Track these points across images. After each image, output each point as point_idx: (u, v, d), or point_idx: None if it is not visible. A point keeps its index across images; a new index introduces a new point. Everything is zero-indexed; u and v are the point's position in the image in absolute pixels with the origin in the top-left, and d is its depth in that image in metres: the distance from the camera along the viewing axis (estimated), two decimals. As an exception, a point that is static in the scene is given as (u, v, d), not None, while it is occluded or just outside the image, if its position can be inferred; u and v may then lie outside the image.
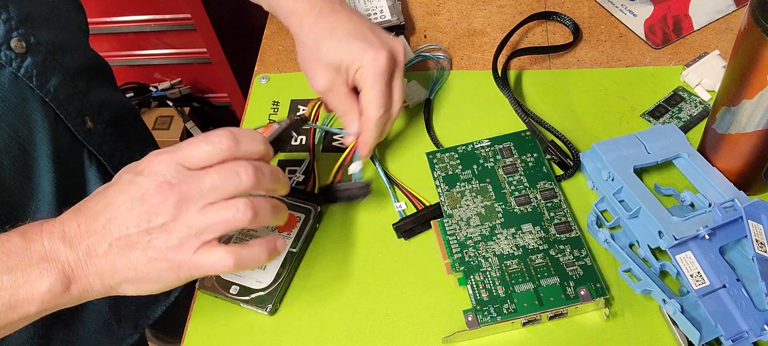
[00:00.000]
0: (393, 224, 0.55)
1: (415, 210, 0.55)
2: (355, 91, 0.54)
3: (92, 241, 0.40)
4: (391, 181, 0.58)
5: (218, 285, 0.52)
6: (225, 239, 0.46)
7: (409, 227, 0.54)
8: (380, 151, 0.61)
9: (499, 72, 0.63)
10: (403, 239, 0.54)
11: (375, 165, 0.59)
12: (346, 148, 0.56)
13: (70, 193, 0.55)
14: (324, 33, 0.53)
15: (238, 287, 0.51)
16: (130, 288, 0.41)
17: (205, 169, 0.40)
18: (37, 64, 0.50)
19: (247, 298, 0.51)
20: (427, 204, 0.56)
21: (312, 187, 0.58)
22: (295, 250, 0.53)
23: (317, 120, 0.61)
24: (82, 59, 0.57)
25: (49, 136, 0.51)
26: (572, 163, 0.56)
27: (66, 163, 0.54)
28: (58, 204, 0.53)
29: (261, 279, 0.52)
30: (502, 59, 0.64)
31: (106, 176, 0.59)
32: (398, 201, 0.57)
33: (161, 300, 0.70)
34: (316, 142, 0.61)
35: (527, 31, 0.68)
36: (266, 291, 0.51)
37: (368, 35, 0.53)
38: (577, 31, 0.67)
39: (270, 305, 0.50)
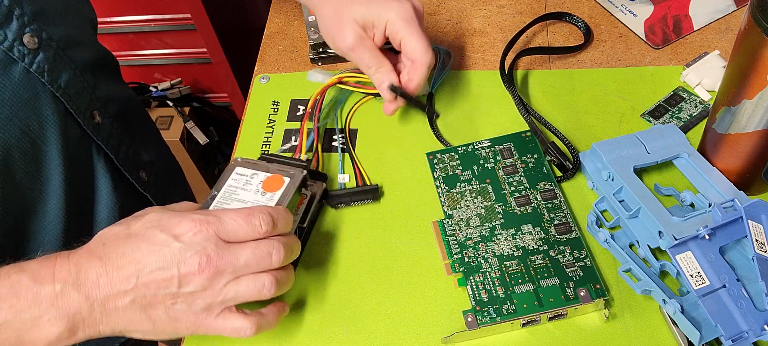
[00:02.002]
0: (328, 191, 0.57)
1: (356, 186, 0.57)
2: (383, 50, 0.57)
3: (113, 294, 0.41)
4: (345, 151, 0.60)
5: None
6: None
7: (338, 200, 0.56)
8: (379, 149, 0.61)
9: (506, 70, 0.63)
10: (331, 207, 0.57)
11: (337, 135, 0.62)
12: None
13: (78, 186, 0.55)
14: None
15: None
16: (140, 336, 0.43)
17: (241, 245, 0.42)
18: (49, 59, 0.50)
19: None
20: (368, 183, 0.57)
21: (298, 155, 0.59)
22: (304, 225, 0.53)
23: (319, 113, 0.62)
24: (91, 54, 0.58)
25: (59, 130, 0.52)
26: (571, 166, 0.56)
27: (75, 157, 0.54)
28: (67, 197, 0.54)
29: None
30: (508, 59, 0.64)
31: (114, 170, 0.59)
32: (344, 173, 0.59)
33: None
34: (316, 122, 0.62)
35: (528, 31, 0.68)
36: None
37: None
38: (588, 33, 0.66)
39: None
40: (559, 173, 0.56)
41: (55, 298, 0.40)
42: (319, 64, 0.69)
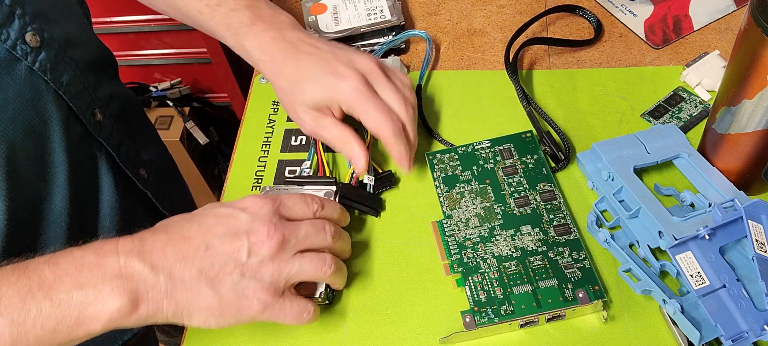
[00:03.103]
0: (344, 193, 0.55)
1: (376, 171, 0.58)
2: (345, 119, 0.55)
3: (180, 266, 0.41)
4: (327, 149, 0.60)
5: None
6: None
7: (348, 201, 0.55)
8: (379, 148, 0.61)
9: (511, 58, 0.63)
10: (380, 210, 0.56)
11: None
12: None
13: (81, 184, 0.55)
14: (294, 78, 0.53)
15: None
16: (201, 319, 0.42)
17: (299, 221, 0.46)
18: (51, 58, 0.50)
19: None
20: (380, 171, 0.58)
21: (322, 173, 0.57)
22: None
23: None
24: (92, 53, 0.58)
25: (63, 129, 0.52)
26: (564, 157, 0.56)
27: (78, 155, 0.55)
28: (71, 195, 0.54)
29: None
30: (513, 49, 0.64)
31: (115, 167, 0.60)
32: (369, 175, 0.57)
33: None
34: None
35: (534, 25, 0.68)
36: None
37: (335, 66, 0.52)
38: (599, 28, 0.66)
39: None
40: (552, 164, 0.56)
41: (118, 269, 0.40)
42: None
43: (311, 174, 0.58)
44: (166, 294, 0.40)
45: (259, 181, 0.60)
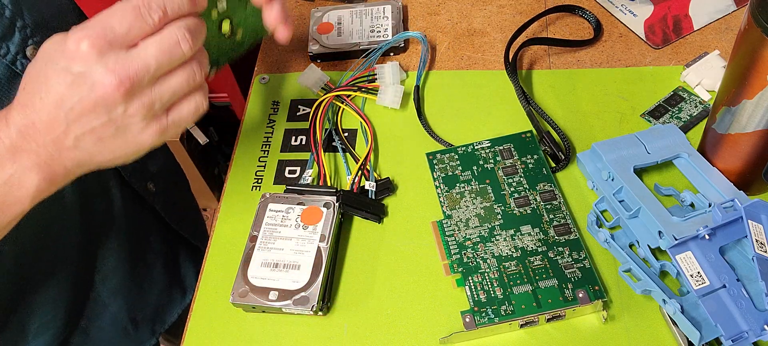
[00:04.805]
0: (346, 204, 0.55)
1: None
2: None
3: (55, 138, 0.38)
4: (346, 151, 0.60)
5: (255, 294, 0.50)
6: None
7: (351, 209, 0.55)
8: (378, 149, 0.61)
9: (510, 59, 0.63)
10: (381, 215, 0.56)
11: (336, 141, 0.61)
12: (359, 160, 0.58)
13: (90, 195, 0.55)
14: None
15: (276, 292, 0.50)
16: (118, 162, 0.41)
17: (142, 45, 0.38)
18: None
19: (289, 301, 0.49)
20: (380, 178, 0.58)
21: (324, 181, 0.57)
22: (324, 245, 0.52)
23: (323, 119, 0.62)
24: None
25: None
26: (564, 157, 0.56)
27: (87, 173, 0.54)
28: (81, 209, 0.54)
29: (298, 279, 0.50)
30: (513, 49, 0.64)
31: (123, 183, 0.59)
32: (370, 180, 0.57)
33: (177, 303, 0.71)
34: (322, 140, 0.61)
35: (534, 25, 0.68)
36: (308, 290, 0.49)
37: None
38: (598, 28, 0.67)
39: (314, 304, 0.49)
40: (552, 164, 0.56)
41: (12, 154, 0.38)
42: (319, 61, 0.69)
43: (312, 182, 0.58)
44: (66, 162, 0.40)
45: (259, 180, 0.60)
